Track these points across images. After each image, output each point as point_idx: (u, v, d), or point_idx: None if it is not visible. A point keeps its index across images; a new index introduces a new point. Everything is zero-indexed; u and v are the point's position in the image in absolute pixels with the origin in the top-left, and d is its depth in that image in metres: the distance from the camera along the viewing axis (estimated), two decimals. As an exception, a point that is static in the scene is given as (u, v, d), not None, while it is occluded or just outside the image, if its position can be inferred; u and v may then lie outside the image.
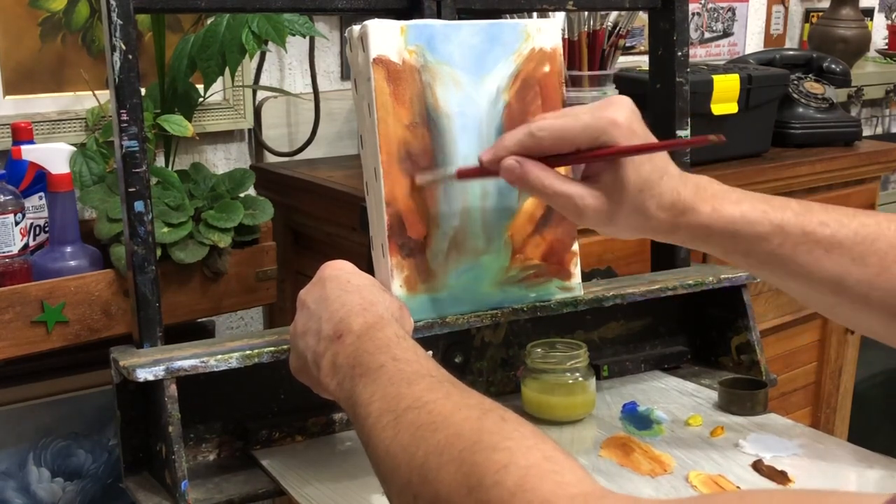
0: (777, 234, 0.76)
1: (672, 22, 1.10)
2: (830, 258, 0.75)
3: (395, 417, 0.61)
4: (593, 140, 0.75)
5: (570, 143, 0.76)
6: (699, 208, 0.77)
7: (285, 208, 1.49)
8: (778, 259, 0.77)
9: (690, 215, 0.77)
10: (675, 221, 0.77)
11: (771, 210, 0.76)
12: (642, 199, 0.76)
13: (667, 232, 0.78)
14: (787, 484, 0.82)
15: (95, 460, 1.25)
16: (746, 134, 1.63)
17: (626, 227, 0.78)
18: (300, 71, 1.62)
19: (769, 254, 0.77)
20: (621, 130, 0.75)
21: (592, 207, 0.76)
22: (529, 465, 0.52)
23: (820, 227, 0.76)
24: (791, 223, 0.76)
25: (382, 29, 0.84)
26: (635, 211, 0.76)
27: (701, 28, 2.29)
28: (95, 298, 1.11)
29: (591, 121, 0.75)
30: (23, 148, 1.16)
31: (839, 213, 0.77)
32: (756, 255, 0.77)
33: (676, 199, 0.76)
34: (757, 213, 0.76)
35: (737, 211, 0.77)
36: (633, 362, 1.07)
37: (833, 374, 1.88)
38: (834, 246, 0.75)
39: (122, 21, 0.85)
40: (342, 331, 0.72)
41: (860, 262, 0.75)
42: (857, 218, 0.76)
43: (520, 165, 0.76)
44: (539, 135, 0.76)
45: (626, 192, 0.76)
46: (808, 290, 0.78)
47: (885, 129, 2.61)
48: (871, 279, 0.75)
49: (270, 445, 0.90)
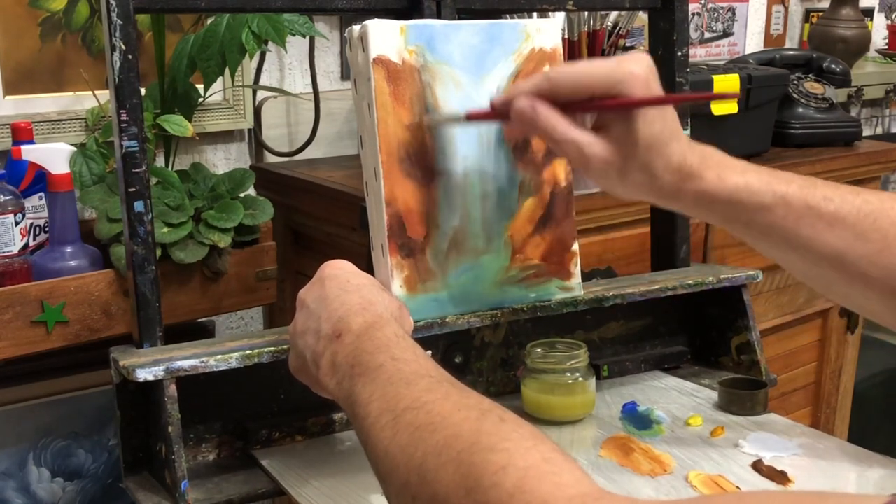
0: (780, 205, 0.76)
1: (672, 22, 1.10)
2: (833, 232, 0.75)
3: (394, 417, 0.61)
4: (609, 89, 0.74)
5: (585, 89, 0.75)
6: (704, 175, 0.76)
7: (285, 208, 1.49)
8: (779, 231, 0.76)
9: (695, 181, 0.76)
10: (680, 185, 0.77)
11: (775, 181, 0.76)
12: (650, 157, 0.75)
13: (670, 195, 0.78)
14: (787, 484, 0.82)
15: (95, 460, 1.25)
16: (746, 134, 1.63)
17: (631, 184, 0.77)
18: (300, 71, 1.62)
19: (771, 225, 0.76)
20: (638, 83, 0.74)
21: (599, 157, 0.76)
22: (528, 467, 0.52)
23: (824, 202, 0.75)
24: (795, 195, 0.76)
25: (382, 29, 0.84)
26: (642, 168, 0.76)
27: (701, 28, 2.29)
28: (95, 298, 1.11)
29: (609, 70, 0.75)
30: (23, 148, 1.16)
31: (844, 189, 0.77)
32: (757, 225, 0.77)
33: (683, 163, 0.76)
34: (761, 183, 0.76)
35: (741, 180, 0.76)
36: (633, 362, 1.07)
37: (833, 374, 1.88)
38: (837, 221, 0.75)
39: (122, 21, 0.85)
40: (341, 330, 0.72)
41: (862, 238, 0.75)
42: (860, 195, 0.76)
43: (532, 108, 0.75)
44: (556, 78, 0.75)
45: (636, 146, 0.75)
46: (807, 265, 0.78)
47: (885, 129, 2.61)
48: (871, 256, 0.74)
49: (270, 445, 0.90)
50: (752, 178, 0.76)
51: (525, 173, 0.91)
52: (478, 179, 0.88)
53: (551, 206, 0.92)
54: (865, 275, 0.75)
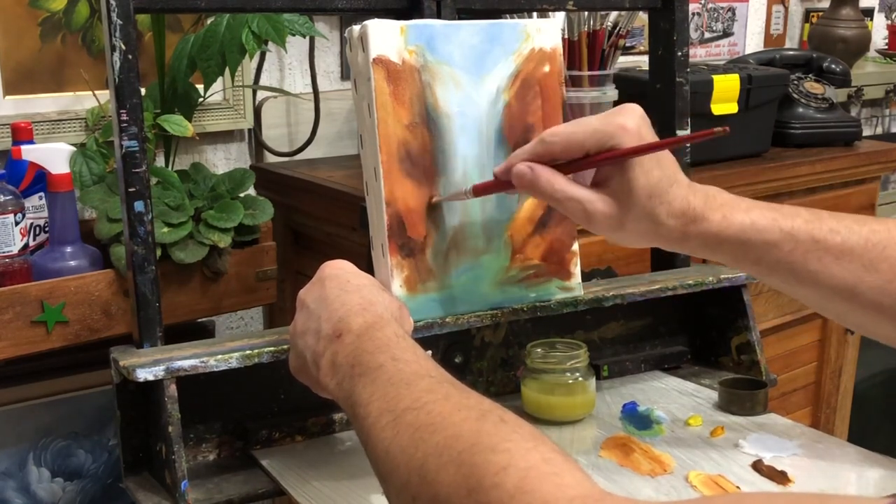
0: (787, 241, 0.76)
1: (672, 22, 1.10)
2: (841, 265, 0.75)
3: (395, 418, 0.61)
4: (602, 144, 0.76)
5: (579, 147, 0.76)
6: (709, 216, 0.77)
7: (285, 208, 1.49)
8: (788, 266, 0.77)
9: (701, 223, 0.77)
10: (686, 229, 0.77)
11: (781, 218, 0.77)
12: (652, 206, 0.76)
13: (677, 240, 0.78)
14: (787, 484, 0.82)
15: (95, 460, 1.25)
16: (746, 134, 1.63)
17: (636, 234, 0.78)
18: (300, 71, 1.62)
19: (779, 261, 0.77)
20: (630, 135, 0.75)
21: (602, 212, 0.77)
22: (529, 467, 0.52)
23: (830, 235, 0.76)
24: (801, 230, 0.76)
25: (382, 29, 0.84)
26: (645, 217, 0.77)
27: (701, 28, 2.29)
28: (95, 298, 1.11)
29: (600, 126, 0.76)
30: (23, 148, 1.16)
31: (849, 220, 0.77)
32: (767, 262, 0.77)
33: (686, 207, 0.77)
34: (767, 220, 0.77)
35: (747, 219, 0.77)
36: (633, 362, 1.07)
37: (833, 374, 1.88)
38: (845, 253, 0.75)
39: (122, 21, 0.85)
40: (341, 330, 0.72)
41: (872, 269, 0.75)
42: (867, 225, 0.76)
43: (531, 170, 0.77)
44: (550, 140, 0.77)
45: (636, 196, 0.76)
46: (819, 298, 0.78)
47: (885, 129, 2.61)
48: (883, 286, 0.75)
49: (270, 445, 0.90)
50: (756, 216, 0.77)
51: (525, 173, 0.91)
52: (478, 179, 0.88)
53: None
54: (878, 304, 0.75)
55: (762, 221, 0.77)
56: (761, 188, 1.59)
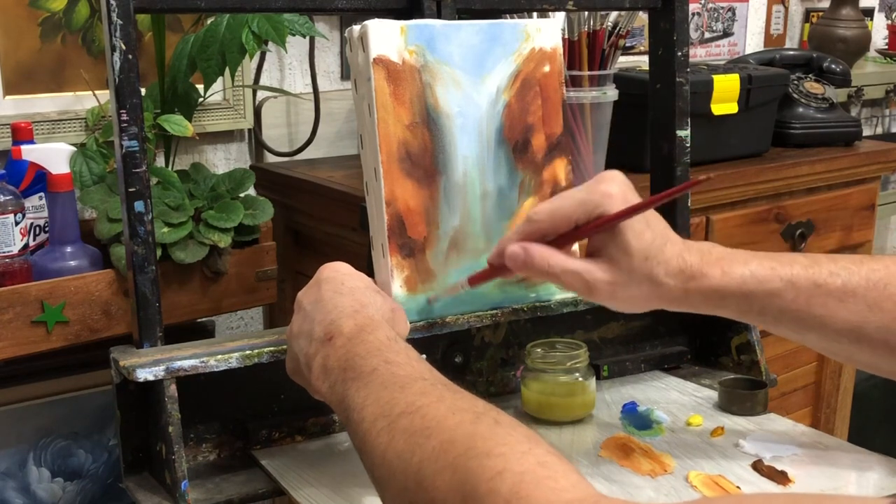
0: (789, 289, 0.76)
1: (672, 22, 1.10)
2: (846, 307, 0.76)
3: (389, 423, 0.61)
4: (589, 214, 0.76)
5: (567, 220, 0.77)
6: (708, 272, 0.77)
7: (285, 208, 1.49)
8: (793, 314, 0.77)
9: (700, 280, 0.77)
10: (686, 287, 0.77)
11: (779, 266, 0.77)
12: (650, 267, 0.76)
13: (678, 299, 0.78)
14: (787, 484, 0.82)
15: (95, 460, 1.25)
16: (746, 134, 1.63)
17: (639, 298, 0.78)
18: (300, 71, 1.62)
19: (783, 310, 0.77)
20: (615, 201, 0.75)
21: (602, 280, 0.77)
22: (524, 471, 0.52)
23: (831, 278, 0.76)
24: (801, 277, 0.76)
25: (382, 29, 0.84)
26: (645, 280, 0.77)
27: (701, 28, 2.29)
28: (95, 298, 1.11)
29: (584, 196, 0.76)
30: (23, 148, 1.16)
31: (846, 261, 0.77)
32: (771, 312, 0.77)
33: (684, 265, 0.77)
34: (765, 270, 0.77)
35: (746, 270, 0.77)
36: (633, 362, 1.07)
37: (833, 374, 1.87)
38: (847, 295, 0.76)
39: (122, 21, 0.85)
40: (332, 333, 0.72)
41: (876, 309, 0.75)
42: (865, 264, 0.76)
43: (524, 251, 0.77)
44: (536, 217, 0.77)
45: (632, 259, 0.76)
46: (827, 342, 0.78)
47: (885, 129, 2.61)
48: (889, 324, 0.75)
49: (270, 445, 0.90)
50: (755, 267, 0.77)
51: (525, 173, 0.91)
52: (478, 179, 0.88)
53: (551, 206, 0.92)
54: (885, 342, 0.76)
55: (762, 272, 0.77)
56: (761, 188, 1.59)
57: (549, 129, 0.92)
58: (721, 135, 1.58)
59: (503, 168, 0.90)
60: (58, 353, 1.11)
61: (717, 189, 1.50)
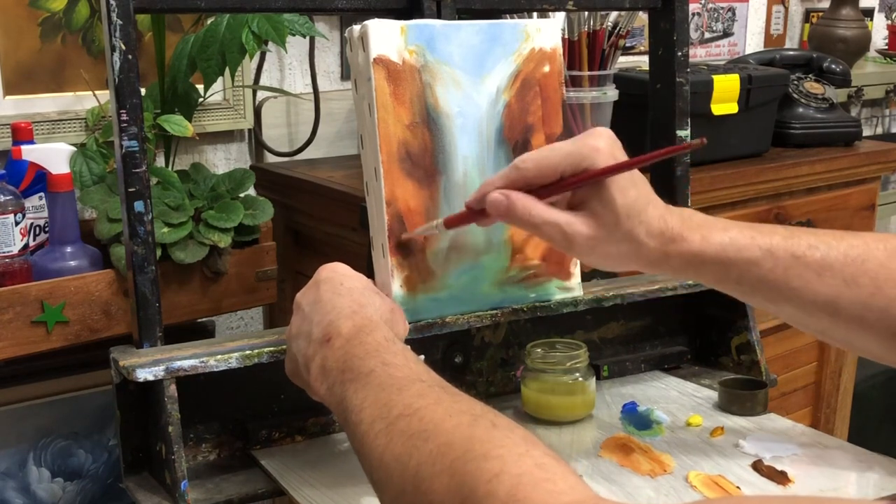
0: (767, 258, 0.76)
1: (672, 22, 1.10)
2: (822, 281, 0.75)
3: (387, 425, 0.61)
4: (576, 167, 0.75)
5: (553, 171, 0.76)
6: (688, 236, 0.77)
7: (285, 208, 1.49)
8: (770, 284, 0.77)
9: (681, 243, 0.77)
10: (666, 249, 0.77)
11: (759, 235, 0.77)
12: (631, 226, 0.76)
13: (657, 261, 0.78)
14: (787, 484, 0.82)
15: (95, 460, 1.25)
16: (746, 134, 1.63)
17: (618, 256, 0.78)
18: (300, 71, 1.62)
19: (761, 279, 0.76)
20: (603, 156, 0.75)
21: (581, 234, 0.76)
22: (521, 474, 0.52)
23: (809, 251, 0.76)
24: (780, 247, 0.76)
25: (382, 29, 0.84)
26: (625, 238, 0.76)
27: (701, 28, 2.29)
28: (95, 298, 1.11)
29: (573, 149, 0.76)
30: (23, 148, 1.16)
31: (827, 235, 0.77)
32: (748, 281, 0.77)
33: (665, 227, 0.76)
34: (745, 238, 0.77)
35: (726, 237, 0.77)
36: (633, 362, 1.07)
37: (833, 374, 1.87)
38: (825, 268, 0.75)
39: (122, 21, 0.85)
40: (331, 334, 0.72)
41: (853, 284, 0.75)
42: (845, 239, 0.76)
43: (505, 198, 0.76)
44: (522, 166, 0.76)
45: (615, 215, 0.75)
46: (802, 314, 0.78)
47: (885, 129, 2.61)
48: (865, 300, 0.75)
49: (270, 445, 0.90)
50: (735, 235, 0.77)
51: (525, 173, 0.91)
52: (478, 179, 0.88)
53: (551, 206, 0.92)
54: (861, 318, 0.75)
55: (741, 240, 0.76)
56: (761, 188, 1.59)
57: (549, 130, 0.92)
58: (721, 135, 1.58)
59: (503, 168, 0.89)
60: (58, 353, 1.11)
61: (717, 189, 1.50)
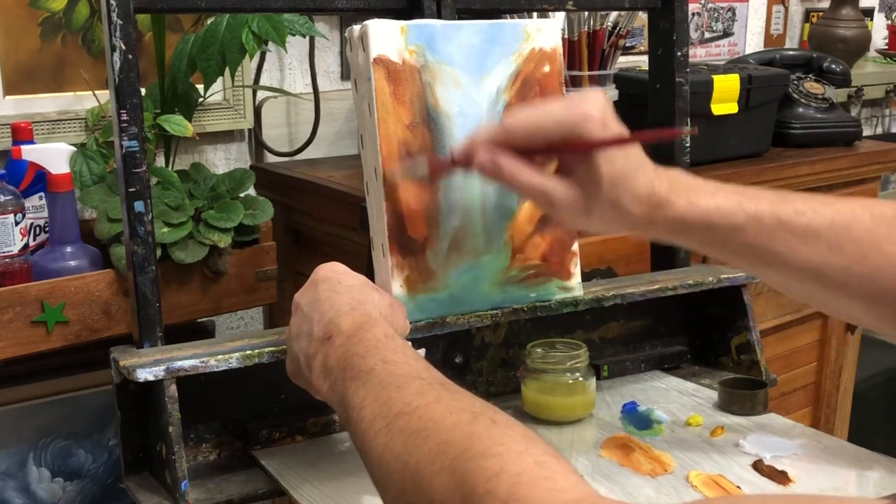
0: (752, 223, 0.75)
1: (672, 22, 1.10)
2: (807, 247, 0.75)
3: (387, 424, 0.61)
4: (566, 133, 0.74)
5: (542, 136, 0.75)
6: (674, 201, 0.76)
7: (285, 208, 1.49)
8: (754, 249, 0.76)
9: (666, 208, 0.76)
10: (651, 215, 0.76)
11: (745, 200, 0.76)
12: (616, 193, 0.75)
13: (642, 226, 0.77)
14: (788, 484, 0.82)
15: (95, 460, 1.25)
16: (746, 134, 1.63)
17: (602, 221, 0.77)
18: (300, 71, 1.62)
19: (745, 244, 0.76)
20: (594, 124, 0.74)
21: (566, 199, 0.76)
22: (521, 472, 0.52)
23: (796, 216, 0.75)
24: (766, 213, 0.75)
25: (382, 29, 0.84)
26: (610, 205, 0.76)
27: (701, 28, 2.29)
28: (95, 298, 1.11)
29: (563, 115, 0.74)
30: (23, 148, 1.16)
31: (815, 201, 0.76)
32: (733, 246, 0.77)
33: (651, 193, 0.76)
34: (731, 203, 0.76)
35: (712, 202, 0.76)
36: (633, 362, 1.07)
37: (833, 374, 1.87)
38: (810, 234, 0.75)
39: (122, 21, 0.85)
40: (331, 332, 0.72)
41: (837, 250, 0.74)
42: (832, 205, 0.76)
43: (493, 158, 0.76)
44: (512, 128, 0.76)
45: (600, 185, 0.75)
46: (786, 279, 0.78)
47: (885, 129, 2.61)
48: (848, 266, 0.74)
49: (270, 445, 0.90)
50: (721, 200, 0.76)
51: (525, 173, 0.91)
52: (478, 179, 0.88)
53: (551, 206, 0.92)
54: (845, 284, 0.75)
55: (727, 205, 0.76)
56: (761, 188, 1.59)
57: (549, 129, 0.91)
58: (721, 135, 1.58)
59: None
60: (58, 353, 1.11)
61: (717, 189, 1.50)
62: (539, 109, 0.76)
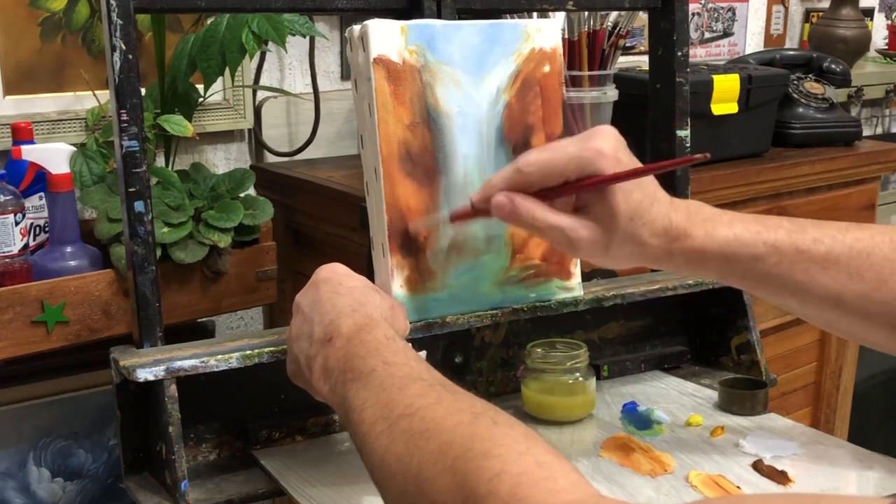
0: (772, 253, 0.76)
1: (672, 22, 1.10)
2: (827, 275, 0.75)
3: (389, 425, 0.61)
4: (580, 171, 0.74)
5: (557, 175, 0.75)
6: (693, 233, 0.76)
7: (285, 208, 1.49)
8: (775, 279, 0.77)
9: (684, 240, 0.76)
10: (670, 247, 0.77)
11: (764, 230, 0.76)
12: (634, 227, 0.75)
13: (662, 259, 0.78)
14: (788, 484, 0.82)
15: (95, 460, 1.25)
16: (746, 134, 1.63)
17: (621, 257, 0.78)
18: (300, 71, 1.62)
19: (766, 274, 0.77)
20: (607, 160, 0.74)
21: (586, 238, 0.76)
22: (521, 473, 0.52)
23: (814, 245, 0.76)
24: (785, 242, 0.76)
25: (383, 29, 0.84)
26: (629, 239, 0.76)
27: (701, 28, 2.29)
28: (95, 298, 1.11)
29: (576, 152, 0.75)
30: (23, 148, 1.16)
31: (832, 228, 0.77)
32: (753, 276, 0.77)
33: (669, 226, 0.76)
34: (750, 234, 0.76)
35: (730, 233, 0.76)
36: (633, 362, 1.07)
37: (833, 374, 1.87)
38: (830, 262, 0.75)
39: (122, 21, 0.85)
40: (332, 334, 0.72)
41: (857, 277, 0.75)
42: (850, 232, 0.76)
43: (510, 201, 0.75)
44: (526, 170, 0.76)
45: (618, 220, 0.75)
46: (807, 307, 0.78)
47: (885, 129, 2.61)
48: (869, 293, 0.75)
49: (270, 445, 0.90)
50: (740, 230, 0.76)
51: (525, 173, 0.91)
52: (478, 179, 0.88)
53: (551, 206, 0.92)
54: (865, 312, 0.75)
55: (746, 235, 0.76)
56: (761, 188, 1.59)
57: (549, 130, 0.92)
58: (721, 135, 1.58)
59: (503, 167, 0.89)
60: (58, 353, 1.11)
61: (717, 189, 1.50)
62: (551, 149, 0.76)
